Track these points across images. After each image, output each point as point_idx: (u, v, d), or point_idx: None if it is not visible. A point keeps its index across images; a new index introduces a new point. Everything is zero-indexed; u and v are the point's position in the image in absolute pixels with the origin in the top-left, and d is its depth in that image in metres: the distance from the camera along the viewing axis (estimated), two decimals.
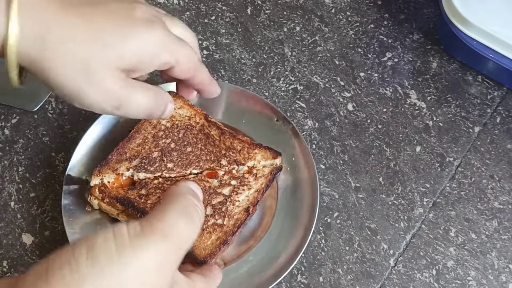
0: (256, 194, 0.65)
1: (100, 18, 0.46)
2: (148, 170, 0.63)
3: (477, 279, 0.74)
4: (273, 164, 0.68)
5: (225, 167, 0.65)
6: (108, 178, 0.64)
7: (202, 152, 0.65)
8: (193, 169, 0.64)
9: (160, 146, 0.65)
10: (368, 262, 0.75)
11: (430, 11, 0.94)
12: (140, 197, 0.62)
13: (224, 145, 0.66)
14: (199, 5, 0.93)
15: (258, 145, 0.68)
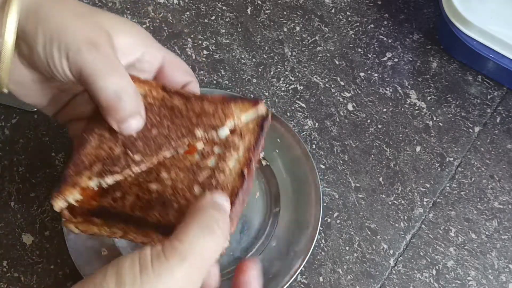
0: (247, 153, 0.55)
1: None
2: (114, 171, 0.53)
3: (477, 279, 0.74)
4: (257, 114, 0.57)
5: (202, 138, 0.55)
6: (73, 197, 0.53)
7: (171, 129, 0.55)
8: (166, 152, 0.54)
9: (120, 140, 0.55)
10: (368, 262, 0.75)
11: (430, 11, 0.94)
12: (115, 201, 0.53)
13: (194, 113, 0.56)
14: (199, 5, 0.93)
15: (232, 99, 0.57)
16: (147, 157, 0.54)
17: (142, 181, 0.53)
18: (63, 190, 0.53)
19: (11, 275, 0.73)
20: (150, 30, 0.89)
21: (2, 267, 0.73)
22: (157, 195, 0.53)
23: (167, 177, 0.53)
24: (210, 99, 0.57)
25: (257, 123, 0.57)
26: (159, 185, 0.53)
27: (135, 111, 0.52)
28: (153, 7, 0.91)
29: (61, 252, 0.74)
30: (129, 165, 0.53)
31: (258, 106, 0.57)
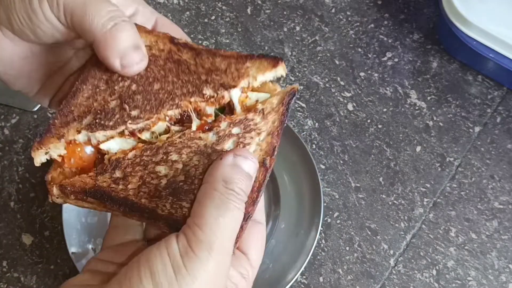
0: (269, 138, 0.48)
1: None
2: (106, 126, 0.46)
3: (477, 279, 0.74)
4: (275, 75, 0.49)
5: (210, 97, 0.48)
6: (56, 150, 0.47)
7: (176, 85, 0.48)
8: (168, 109, 0.47)
9: (117, 92, 0.48)
10: (368, 262, 0.75)
11: (430, 11, 0.93)
12: (116, 183, 0.46)
13: (203, 68, 0.49)
14: (199, 5, 0.92)
15: (249, 56, 0.49)
16: (145, 113, 0.47)
17: (148, 161, 0.47)
18: (45, 141, 0.46)
19: (11, 275, 0.73)
20: None
21: (2, 267, 0.73)
22: (166, 181, 0.47)
23: (178, 159, 0.46)
24: (224, 54, 0.49)
25: (281, 101, 0.49)
26: (168, 169, 0.47)
27: (135, 43, 0.46)
28: (153, 6, 0.91)
29: (61, 252, 0.74)
30: (125, 121, 0.47)
31: (277, 67, 0.49)
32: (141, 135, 0.47)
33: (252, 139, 0.48)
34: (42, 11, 0.45)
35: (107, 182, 0.46)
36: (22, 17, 0.46)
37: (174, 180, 0.46)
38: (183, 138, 0.47)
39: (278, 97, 0.49)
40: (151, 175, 0.46)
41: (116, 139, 0.47)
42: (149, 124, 0.47)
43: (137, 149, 0.47)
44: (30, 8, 0.45)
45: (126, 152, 0.47)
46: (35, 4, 0.45)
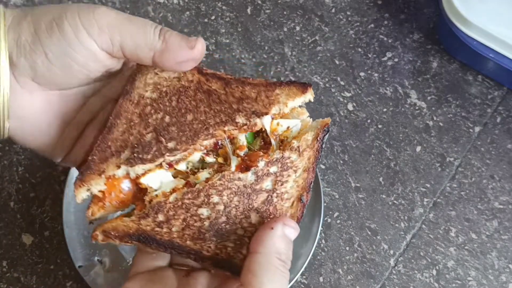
0: (305, 174, 0.49)
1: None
2: (145, 159, 0.47)
3: (477, 279, 0.74)
4: (304, 100, 0.51)
5: (243, 125, 0.48)
6: (97, 186, 0.48)
7: (208, 115, 0.49)
8: (203, 139, 0.48)
9: (151, 125, 0.49)
10: (368, 262, 0.75)
11: (430, 11, 0.93)
12: (160, 226, 0.47)
13: (234, 98, 0.50)
14: (199, 5, 0.92)
15: (278, 84, 0.51)
16: (181, 144, 0.48)
17: (189, 204, 0.47)
18: (86, 178, 0.47)
19: (11, 275, 0.73)
20: None
21: (2, 267, 0.73)
22: (208, 223, 0.48)
23: (219, 201, 0.47)
24: (253, 83, 0.51)
25: (317, 137, 0.51)
26: (210, 211, 0.48)
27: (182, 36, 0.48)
28: (153, 6, 0.91)
29: (61, 252, 0.74)
30: (162, 153, 0.47)
31: (307, 93, 0.51)
32: (178, 166, 0.48)
33: (289, 177, 0.49)
34: (77, 38, 0.44)
35: (150, 226, 0.47)
36: (52, 53, 0.44)
37: (216, 222, 0.47)
38: (223, 180, 0.47)
39: (313, 133, 0.51)
40: (193, 217, 0.47)
41: (155, 172, 0.48)
42: (185, 155, 0.48)
43: (177, 191, 0.47)
44: (62, 37, 0.44)
45: (167, 195, 0.47)
46: (68, 32, 0.44)
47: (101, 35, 0.44)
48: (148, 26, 0.46)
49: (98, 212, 0.48)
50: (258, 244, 0.45)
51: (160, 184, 0.48)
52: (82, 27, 0.44)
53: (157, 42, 0.46)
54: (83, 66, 0.46)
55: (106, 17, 0.44)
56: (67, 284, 0.73)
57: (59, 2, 0.91)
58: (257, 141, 0.50)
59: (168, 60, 0.47)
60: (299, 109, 0.52)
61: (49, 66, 0.44)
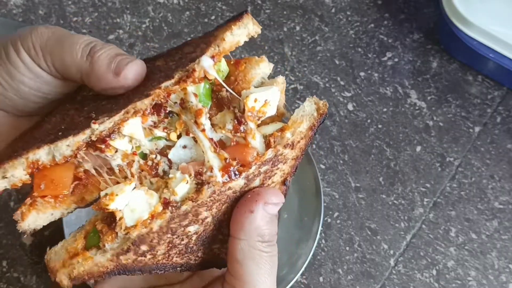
0: (293, 162, 0.46)
1: None
2: (69, 134, 0.41)
3: (477, 279, 0.74)
4: (247, 32, 0.45)
5: (181, 77, 0.42)
6: (15, 172, 0.41)
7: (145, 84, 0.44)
8: (136, 101, 0.41)
9: (85, 111, 0.44)
10: (368, 262, 0.75)
11: (430, 11, 0.93)
12: (143, 256, 0.42)
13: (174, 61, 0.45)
14: (199, 5, 0.92)
15: (215, 28, 0.45)
16: (112, 112, 0.41)
17: (176, 227, 0.42)
18: (2, 163, 0.40)
19: (11, 275, 0.73)
20: (149, 29, 0.89)
21: (2, 267, 0.73)
22: (196, 236, 0.45)
23: (208, 215, 0.44)
24: (192, 41, 0.46)
25: (312, 127, 0.45)
26: (198, 226, 0.44)
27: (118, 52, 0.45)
28: (153, 6, 0.91)
29: None
30: (89, 125, 0.40)
31: (243, 20, 0.43)
32: (114, 142, 0.41)
33: (278, 169, 0.45)
34: (22, 61, 0.43)
35: (131, 258, 0.42)
36: (2, 78, 0.44)
37: (205, 233, 0.45)
38: (213, 196, 0.42)
39: (308, 123, 0.45)
40: (181, 237, 0.44)
41: (124, 193, 0.41)
42: (117, 122, 0.41)
43: (159, 217, 0.41)
44: (9, 62, 0.43)
45: (147, 224, 0.41)
46: (13, 57, 0.43)
47: (37, 57, 0.43)
48: (77, 45, 0.43)
49: (29, 213, 0.42)
50: (239, 229, 0.43)
51: (129, 204, 0.41)
52: (22, 49, 0.43)
53: (83, 63, 0.43)
54: (35, 89, 0.45)
55: (40, 38, 0.43)
56: None
57: (59, 4, 0.91)
58: (227, 117, 0.44)
59: (94, 84, 0.43)
60: (257, 58, 0.46)
61: (3, 91, 0.44)
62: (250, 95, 0.42)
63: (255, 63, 0.45)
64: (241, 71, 0.45)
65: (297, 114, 0.45)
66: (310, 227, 0.73)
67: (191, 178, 0.41)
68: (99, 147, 0.40)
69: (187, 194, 0.41)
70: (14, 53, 0.43)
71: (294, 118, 0.44)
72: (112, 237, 0.40)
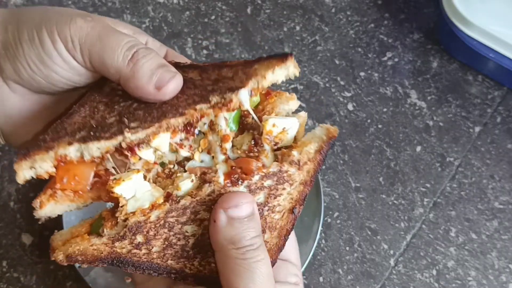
0: (301, 187, 0.45)
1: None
2: (101, 137, 0.41)
3: (477, 279, 0.74)
4: (287, 73, 0.45)
5: (217, 103, 0.43)
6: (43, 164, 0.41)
7: (180, 99, 0.44)
8: (171, 118, 0.42)
9: (117, 110, 0.44)
10: (368, 262, 0.75)
11: (430, 11, 0.93)
12: (138, 248, 0.42)
13: (209, 81, 0.45)
14: (199, 5, 0.92)
15: (257, 60, 0.45)
16: (146, 123, 0.42)
17: (173, 222, 0.42)
18: (31, 153, 0.41)
19: (11, 275, 0.73)
20: (149, 29, 0.89)
21: (2, 267, 0.73)
22: (194, 240, 0.43)
23: (207, 217, 0.43)
24: (231, 64, 0.46)
25: (320, 149, 0.45)
26: (196, 228, 0.43)
27: (160, 63, 0.44)
28: (153, 6, 0.91)
29: None
30: (122, 131, 0.41)
31: (287, 62, 0.44)
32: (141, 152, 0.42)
33: (284, 190, 0.44)
34: (57, 53, 0.42)
35: (126, 248, 0.42)
36: (33, 63, 0.43)
37: (202, 239, 0.43)
38: (212, 195, 0.42)
39: (316, 145, 0.45)
40: (177, 236, 0.43)
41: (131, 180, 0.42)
42: (149, 134, 0.42)
43: (158, 208, 0.42)
44: (43, 51, 0.42)
45: (146, 212, 0.41)
46: (48, 46, 0.42)
47: (74, 51, 0.42)
48: (119, 48, 0.42)
49: (47, 203, 0.43)
50: (212, 242, 0.42)
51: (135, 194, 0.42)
52: (59, 40, 0.42)
53: (124, 67, 0.42)
54: (66, 79, 0.44)
55: (80, 32, 0.42)
56: (67, 284, 0.73)
57: (58, 4, 0.90)
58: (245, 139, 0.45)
59: (131, 91, 0.43)
60: (288, 95, 0.47)
61: (32, 74, 0.44)
62: (269, 119, 0.44)
63: (285, 100, 0.47)
64: (270, 103, 0.46)
65: (307, 136, 0.46)
66: (310, 227, 0.73)
67: (196, 177, 0.43)
68: (125, 154, 0.42)
69: (189, 191, 0.42)
70: (50, 42, 0.42)
71: (304, 140, 0.45)
72: (112, 224, 0.41)
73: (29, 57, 0.43)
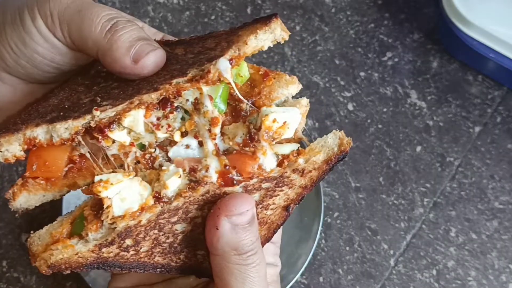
0: (300, 190, 0.43)
1: None
2: (69, 116, 0.39)
3: (477, 279, 0.74)
4: (274, 37, 0.41)
5: (194, 76, 0.39)
6: (10, 147, 0.39)
7: (159, 75, 0.40)
8: (144, 93, 0.39)
9: (94, 90, 0.41)
10: (368, 262, 0.75)
11: (431, 11, 0.93)
12: (126, 250, 0.40)
13: (192, 54, 0.42)
14: (199, 5, 0.92)
15: (242, 26, 0.41)
16: (118, 101, 0.39)
17: (164, 223, 0.40)
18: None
19: (11, 275, 0.73)
20: None
21: (1, 267, 0.73)
22: (182, 236, 0.43)
23: (198, 215, 0.42)
24: (216, 34, 0.43)
25: (328, 160, 0.43)
26: (186, 225, 0.42)
27: (141, 36, 0.42)
28: (153, 6, 0.91)
29: None
30: (90, 110, 0.38)
31: (271, 24, 0.39)
32: (113, 133, 0.39)
33: (282, 191, 0.43)
34: (36, 29, 0.41)
35: (114, 252, 0.40)
36: (15, 45, 0.42)
37: (191, 234, 0.43)
38: (206, 196, 0.40)
39: (325, 156, 0.42)
40: (167, 234, 0.42)
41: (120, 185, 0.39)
42: (119, 112, 0.38)
43: (149, 210, 0.39)
44: (23, 29, 0.41)
45: (136, 216, 0.39)
46: (28, 24, 0.41)
47: (53, 26, 0.41)
48: (98, 19, 0.40)
49: (20, 193, 0.42)
50: (210, 246, 0.41)
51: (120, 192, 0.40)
52: (39, 16, 0.41)
53: (101, 38, 0.40)
54: (49, 59, 0.43)
55: (59, 5, 0.41)
56: (67, 284, 0.73)
57: None
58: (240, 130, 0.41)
59: (108, 65, 0.41)
60: (287, 78, 0.43)
61: (16, 58, 0.42)
62: (270, 114, 0.40)
63: (285, 83, 0.43)
64: (268, 86, 0.42)
65: (317, 143, 0.43)
66: (310, 227, 0.73)
67: (185, 173, 0.40)
68: (96, 136, 0.38)
69: (178, 189, 0.40)
70: (30, 20, 0.41)
71: (313, 146, 0.43)
72: (97, 227, 0.39)
73: (11, 39, 0.42)
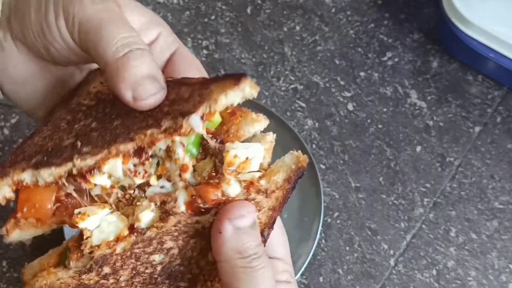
0: (270, 212, 0.45)
1: None
2: (52, 163, 0.41)
3: (477, 279, 0.74)
4: (243, 95, 0.42)
5: (168, 128, 0.41)
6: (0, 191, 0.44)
7: (136, 120, 0.42)
8: (120, 143, 0.41)
9: (75, 130, 0.43)
10: (368, 262, 0.75)
11: (431, 11, 0.93)
12: (106, 278, 0.42)
13: (167, 100, 0.43)
14: (199, 5, 0.92)
15: (213, 79, 0.43)
16: (96, 148, 0.41)
17: (140, 252, 0.42)
18: None
19: (11, 275, 0.73)
20: None
21: (2, 267, 0.73)
22: (161, 267, 0.43)
23: (173, 246, 0.43)
24: (189, 82, 0.44)
25: (289, 179, 0.44)
26: (163, 256, 0.43)
27: (150, 73, 0.41)
28: (153, 6, 0.91)
29: None
30: (72, 158, 0.41)
31: (240, 84, 0.41)
32: (93, 178, 0.41)
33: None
34: (57, 26, 0.42)
35: (94, 279, 0.42)
36: (36, 31, 0.43)
37: (170, 265, 0.44)
38: (178, 226, 0.42)
39: (284, 174, 0.44)
40: (144, 265, 0.43)
41: (97, 215, 0.41)
42: (98, 161, 0.41)
43: (124, 240, 0.41)
44: (45, 21, 0.42)
45: (111, 245, 0.41)
46: (50, 17, 0.42)
47: (73, 29, 0.41)
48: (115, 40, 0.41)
49: (13, 230, 0.44)
50: (216, 253, 0.42)
51: (100, 225, 0.42)
52: (62, 15, 0.41)
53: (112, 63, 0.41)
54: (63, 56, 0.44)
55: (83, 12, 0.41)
56: None
57: None
58: (207, 165, 0.43)
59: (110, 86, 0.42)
60: (254, 116, 0.44)
61: (34, 41, 0.43)
62: (231, 150, 0.41)
63: (250, 122, 0.44)
64: (235, 124, 0.44)
65: (276, 163, 0.45)
66: (310, 227, 0.73)
67: (156, 207, 0.42)
68: (79, 181, 0.41)
69: (151, 221, 0.42)
70: (53, 16, 0.42)
71: (273, 167, 0.44)
72: (78, 256, 0.41)
73: (34, 24, 0.43)
